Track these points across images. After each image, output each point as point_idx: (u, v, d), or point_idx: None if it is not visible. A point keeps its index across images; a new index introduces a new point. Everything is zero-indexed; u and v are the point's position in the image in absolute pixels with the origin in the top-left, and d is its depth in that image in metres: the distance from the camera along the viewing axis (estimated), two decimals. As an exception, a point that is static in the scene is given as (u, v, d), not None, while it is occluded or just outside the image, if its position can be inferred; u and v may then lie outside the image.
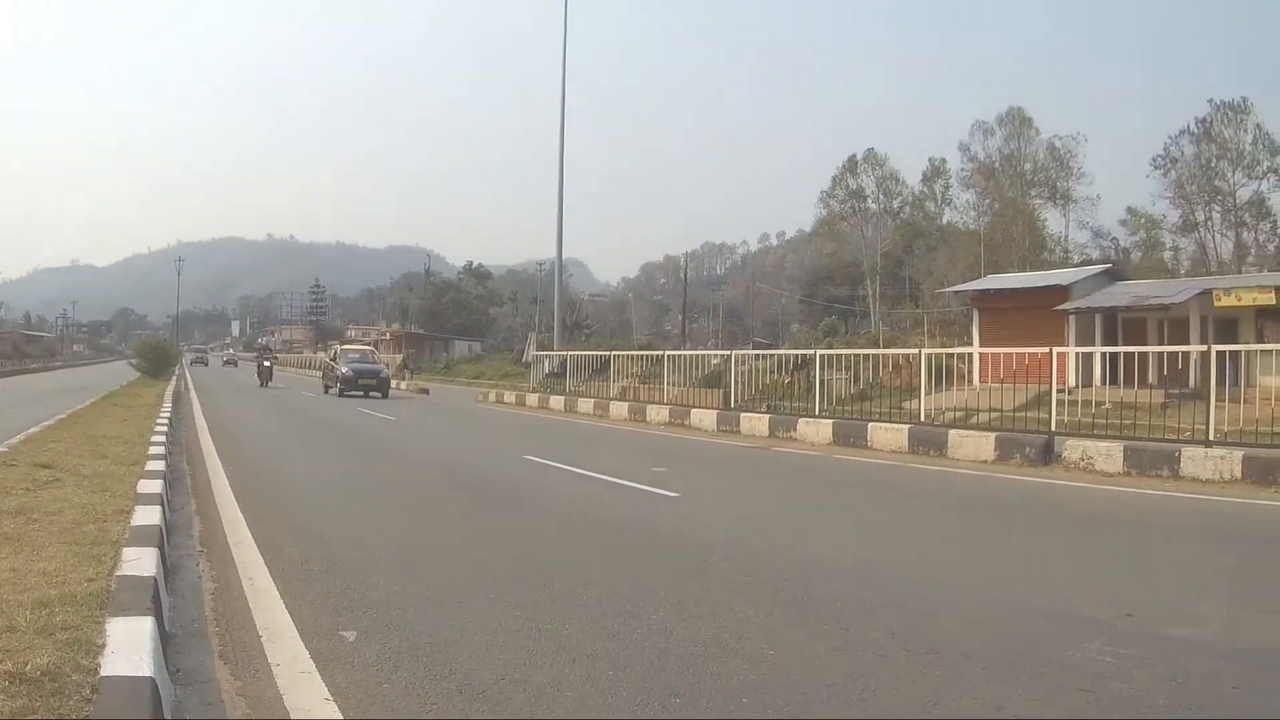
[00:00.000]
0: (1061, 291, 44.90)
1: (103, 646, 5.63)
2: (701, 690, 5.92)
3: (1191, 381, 22.19)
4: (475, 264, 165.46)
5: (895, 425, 22.05)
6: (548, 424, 32.85)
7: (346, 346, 64.74)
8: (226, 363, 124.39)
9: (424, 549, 10.73)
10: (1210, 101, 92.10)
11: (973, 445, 19.82)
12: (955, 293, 61.79)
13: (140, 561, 7.73)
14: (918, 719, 5.67)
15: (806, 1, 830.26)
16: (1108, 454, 17.60)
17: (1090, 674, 6.26)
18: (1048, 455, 18.52)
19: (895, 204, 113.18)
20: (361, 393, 47.94)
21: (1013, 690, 6.01)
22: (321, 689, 5.88)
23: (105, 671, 5.21)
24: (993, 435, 19.79)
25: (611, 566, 9.74)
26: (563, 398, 40.12)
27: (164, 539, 9.39)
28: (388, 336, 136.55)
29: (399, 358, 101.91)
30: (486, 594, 8.36)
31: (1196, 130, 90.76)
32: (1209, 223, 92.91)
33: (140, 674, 5.15)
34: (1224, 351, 19.87)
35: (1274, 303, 39.91)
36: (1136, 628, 7.42)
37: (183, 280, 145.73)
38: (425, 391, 60.52)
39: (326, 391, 52.06)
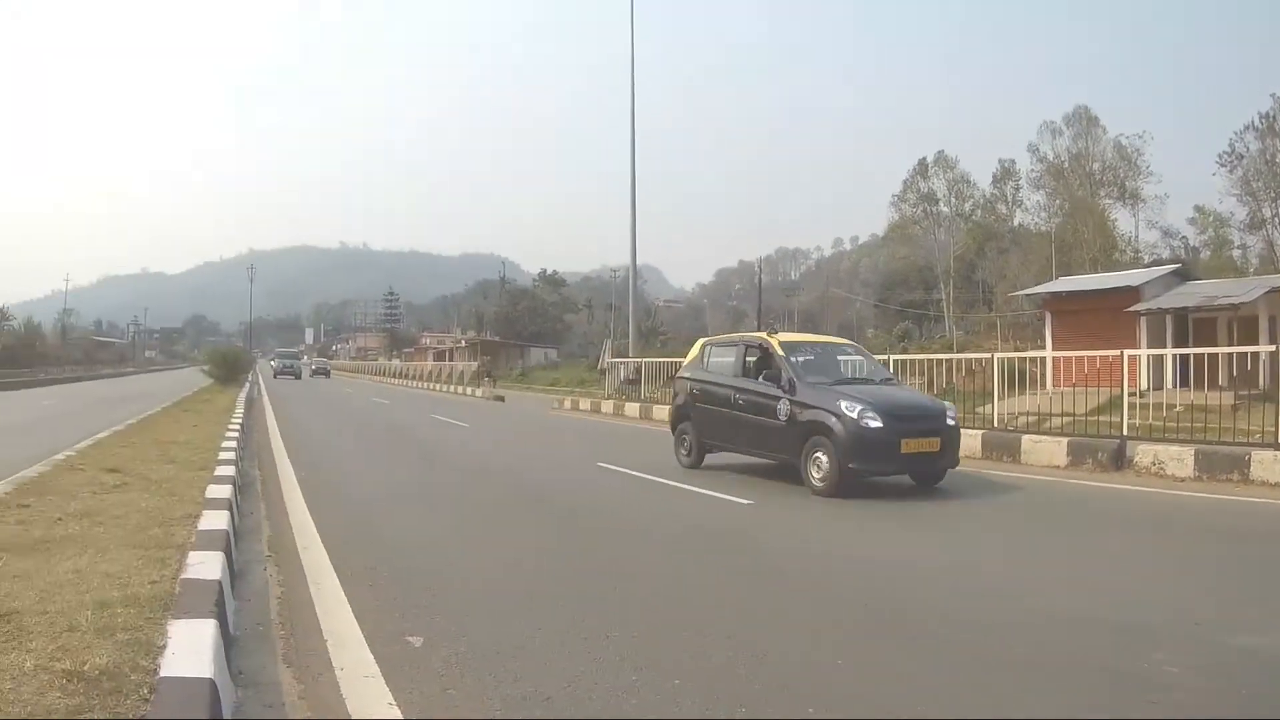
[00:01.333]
0: (1132, 292, 44.51)
1: (163, 648, 5.80)
2: (769, 700, 5.98)
3: (1261, 382, 22.13)
4: (550, 271, 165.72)
5: (969, 431, 21.57)
6: (622, 431, 32.76)
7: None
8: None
9: (492, 555, 10.83)
10: (1274, 96, 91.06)
11: (1045, 451, 19.79)
12: (1027, 295, 61.05)
13: (205, 565, 7.89)
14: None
15: (875, 5, 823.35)
16: (1179, 458, 17.50)
17: (1156, 684, 6.29)
18: (1120, 460, 18.44)
19: (967, 206, 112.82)
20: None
21: (1078, 700, 6.06)
22: (385, 694, 6.00)
23: (164, 672, 5.38)
24: (1065, 440, 19.71)
25: (683, 574, 9.79)
26: (638, 404, 40.02)
27: (231, 543, 9.58)
28: (463, 344, 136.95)
29: (474, 365, 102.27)
30: (555, 600, 8.45)
31: (1260, 125, 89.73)
32: (1276, 219, 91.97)
33: (199, 675, 5.30)
34: None
35: None
36: (1205, 636, 7.44)
37: (255, 288, 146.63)
38: (500, 399, 60.35)
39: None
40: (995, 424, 22.79)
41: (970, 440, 21.03)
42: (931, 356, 29.80)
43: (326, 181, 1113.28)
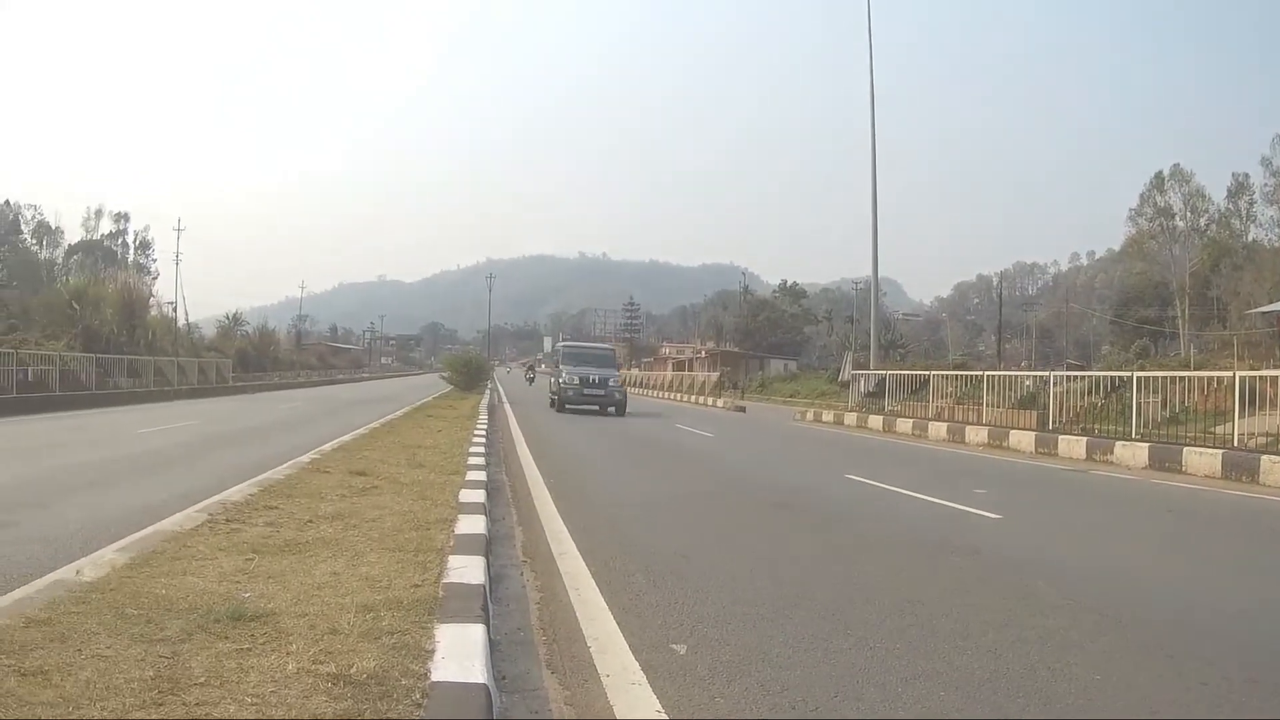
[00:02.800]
0: None
1: (431, 652, 5.93)
2: (1030, 713, 6.07)
3: None
4: (790, 282, 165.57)
5: (1209, 450, 21.97)
6: (866, 443, 33.10)
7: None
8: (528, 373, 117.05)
9: (748, 565, 10.68)
10: None
11: None
12: (1262, 313, 60.64)
13: (467, 569, 8.11)
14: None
15: (1112, 15, 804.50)
16: None
17: None
18: None
19: (1202, 221, 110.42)
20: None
21: None
22: (653, 701, 5.98)
23: (436, 677, 5.48)
24: None
25: (936, 587, 9.74)
26: (881, 417, 40.25)
27: (488, 548, 9.88)
28: (703, 354, 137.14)
29: (714, 375, 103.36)
30: (813, 611, 8.44)
31: None
32: None
33: (472, 680, 5.43)
34: None
35: None
36: None
37: (492, 296, 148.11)
38: (742, 409, 60.14)
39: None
40: (1235, 444, 22.67)
41: (1210, 460, 21.42)
42: (1174, 374, 29.41)
43: (564, 194, 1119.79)
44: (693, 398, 78.33)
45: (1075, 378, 35.79)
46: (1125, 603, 9.24)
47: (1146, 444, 24.50)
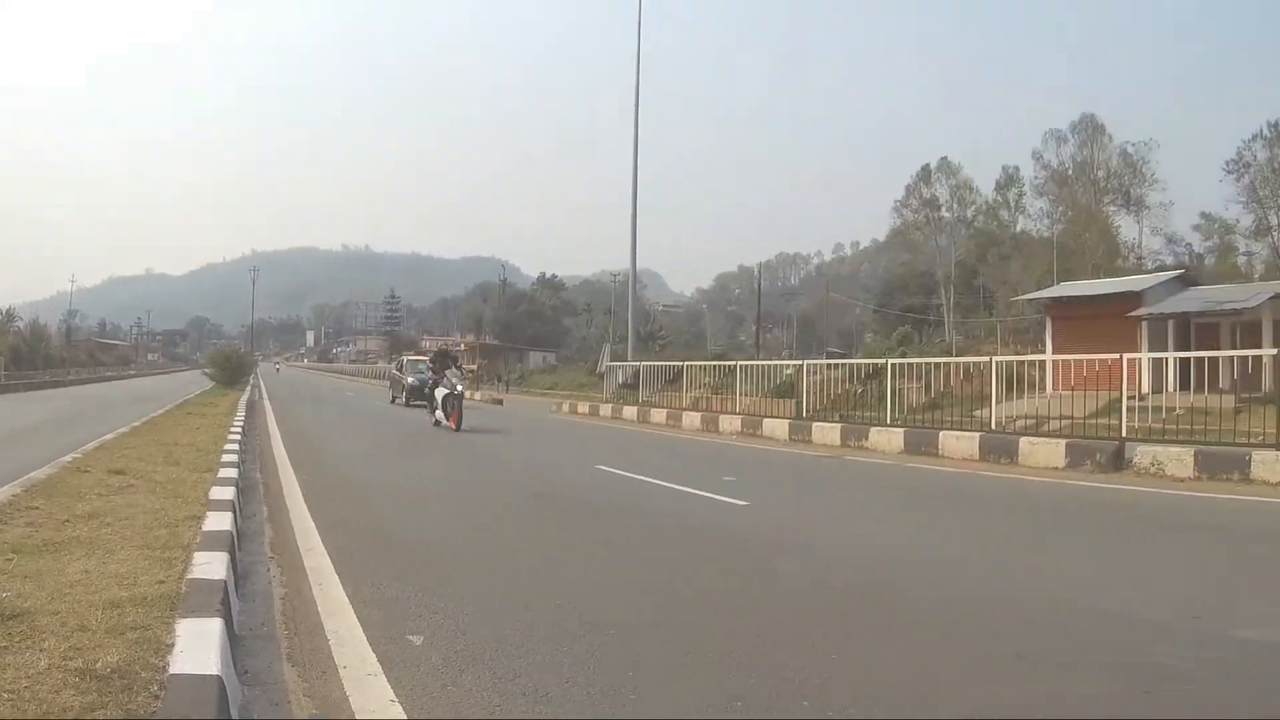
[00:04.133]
0: (1134, 298, 44.94)
1: (171, 646, 5.83)
2: (764, 692, 6.02)
3: (1264, 386, 22.14)
4: (550, 275, 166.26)
5: (967, 433, 22.13)
6: (621, 434, 32.94)
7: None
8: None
9: (492, 557, 10.81)
10: None
11: (1043, 452, 19.81)
12: (1029, 300, 61.57)
13: (211, 565, 7.95)
14: (979, 719, 5.77)
15: (882, 9, 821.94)
16: (1178, 459, 17.57)
17: (1154, 675, 6.33)
18: (1118, 461, 18.49)
19: (969, 213, 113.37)
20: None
21: (1073, 690, 6.12)
22: (387, 690, 6.04)
23: (174, 669, 5.41)
24: (1063, 442, 19.75)
25: (679, 573, 9.82)
26: (636, 408, 39.98)
27: (235, 544, 9.60)
28: (462, 347, 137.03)
29: (473, 368, 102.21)
30: (554, 600, 8.40)
31: (1270, 134, 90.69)
32: None
33: (207, 672, 5.33)
34: None
35: None
36: (1204, 629, 7.48)
37: (257, 290, 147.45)
38: (499, 402, 60.46)
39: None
40: (993, 427, 22.88)
41: (967, 443, 21.59)
42: (929, 360, 30.30)
43: (328, 184, 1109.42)
44: None
45: (834, 366, 36.45)
46: (864, 581, 9.47)
47: (902, 429, 24.67)
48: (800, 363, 35.17)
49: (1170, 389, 26.84)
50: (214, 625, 6.22)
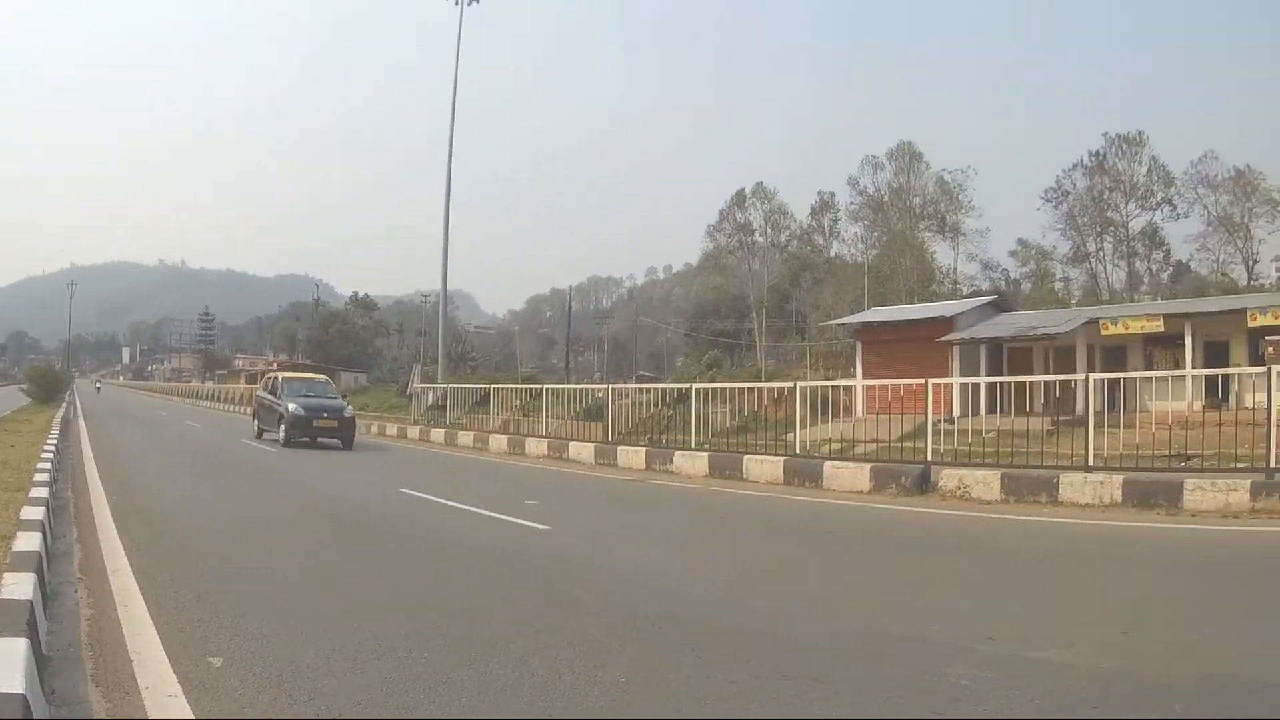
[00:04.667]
0: (946, 323, 45.82)
1: None
2: (554, 715, 6.09)
3: (1078, 409, 22.33)
4: (362, 294, 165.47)
5: (771, 457, 22.02)
6: (427, 457, 32.65)
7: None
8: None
9: (293, 579, 10.79)
10: (1105, 135, 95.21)
11: (848, 476, 19.73)
12: (840, 325, 62.01)
13: (17, 586, 7.84)
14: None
15: (699, 35, 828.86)
16: (985, 481, 17.61)
17: (946, 697, 6.38)
18: (924, 484, 18.46)
19: (783, 237, 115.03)
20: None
21: (863, 713, 6.16)
22: (187, 711, 6.10)
23: None
24: (868, 466, 19.75)
25: (476, 597, 9.84)
26: (444, 430, 39.93)
27: (43, 565, 9.51)
28: (274, 366, 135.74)
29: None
30: (351, 623, 8.46)
31: (1090, 163, 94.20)
32: (1100, 253, 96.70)
33: (13, 690, 5.21)
34: (1104, 379, 20.05)
35: (1162, 329, 41.30)
36: (999, 651, 7.52)
37: (77, 305, 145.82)
38: None
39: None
40: (798, 450, 22.70)
41: (772, 467, 21.48)
42: (734, 385, 30.63)
43: (148, 196, 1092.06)
44: None
45: (644, 390, 37.28)
46: (660, 606, 9.37)
47: (707, 453, 24.52)
48: (608, 386, 34.92)
49: (982, 412, 27.10)
50: (19, 645, 6.11)
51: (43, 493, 14.81)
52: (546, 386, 37.88)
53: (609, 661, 7.23)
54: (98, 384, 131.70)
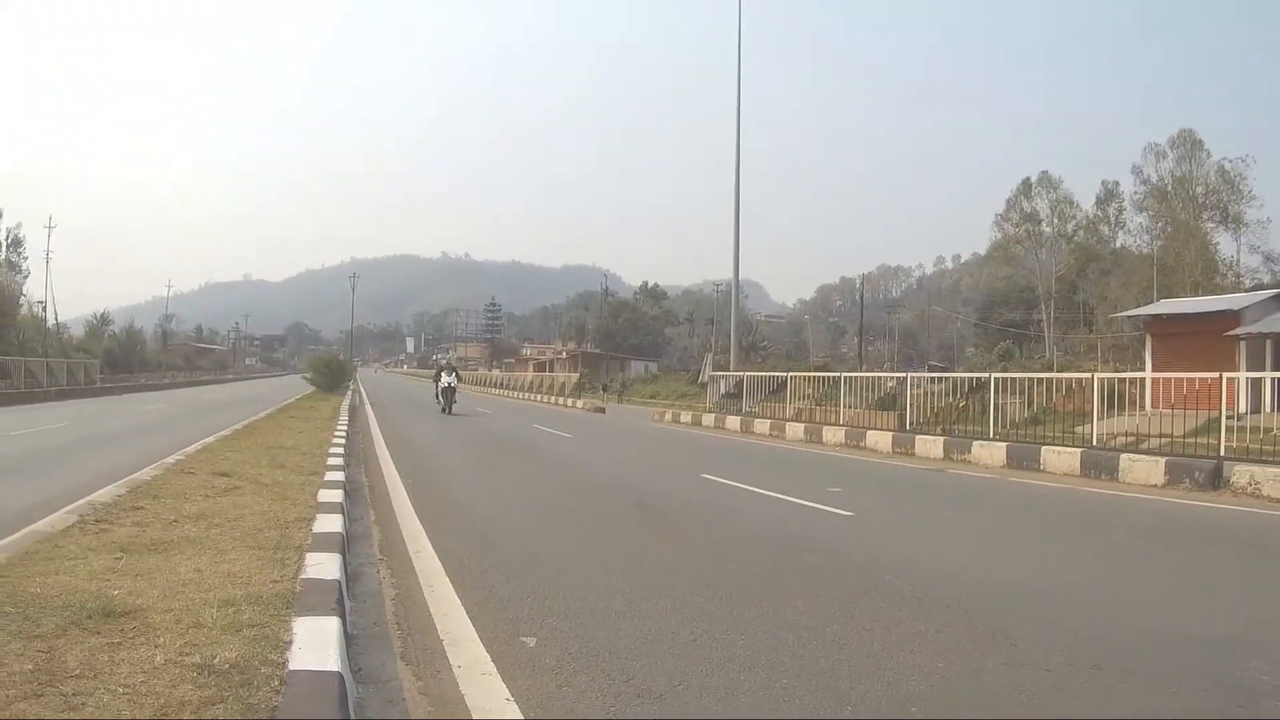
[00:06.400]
0: (1232, 316, 44.50)
1: (289, 643, 6.21)
2: (873, 699, 6.27)
3: None
4: (651, 284, 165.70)
5: (1068, 449, 22.07)
6: (724, 444, 32.78)
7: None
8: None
9: (600, 562, 10.99)
10: None
11: (1142, 470, 19.87)
12: (1128, 317, 60.96)
13: (324, 566, 8.43)
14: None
15: (979, 22, 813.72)
16: (1275, 479, 17.52)
17: (1249, 691, 6.56)
18: (1216, 480, 18.46)
19: (1069, 227, 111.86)
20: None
21: (1171, 705, 6.32)
22: (503, 690, 6.33)
23: (293, 666, 5.74)
24: (1162, 460, 19.69)
25: (786, 582, 9.89)
26: (739, 418, 39.96)
27: (345, 546, 10.17)
28: (564, 355, 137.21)
29: (574, 376, 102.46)
30: (662, 605, 8.67)
31: None
32: None
33: (327, 668, 5.67)
34: None
35: None
36: None
37: (356, 297, 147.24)
38: (602, 410, 60.19)
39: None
40: (1094, 443, 22.77)
41: (1069, 459, 21.55)
42: (1031, 375, 30.04)
43: (428, 194, 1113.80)
44: (553, 399, 77.62)
45: (937, 379, 36.02)
46: (972, 596, 9.37)
47: (1004, 443, 24.49)
48: (904, 375, 35.00)
49: (1268, 409, 26.39)
50: (331, 624, 6.63)
51: (338, 476, 16.04)
52: (844, 375, 37.53)
53: (925, 647, 7.46)
54: (375, 369, 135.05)
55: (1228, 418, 20.44)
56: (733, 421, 40.14)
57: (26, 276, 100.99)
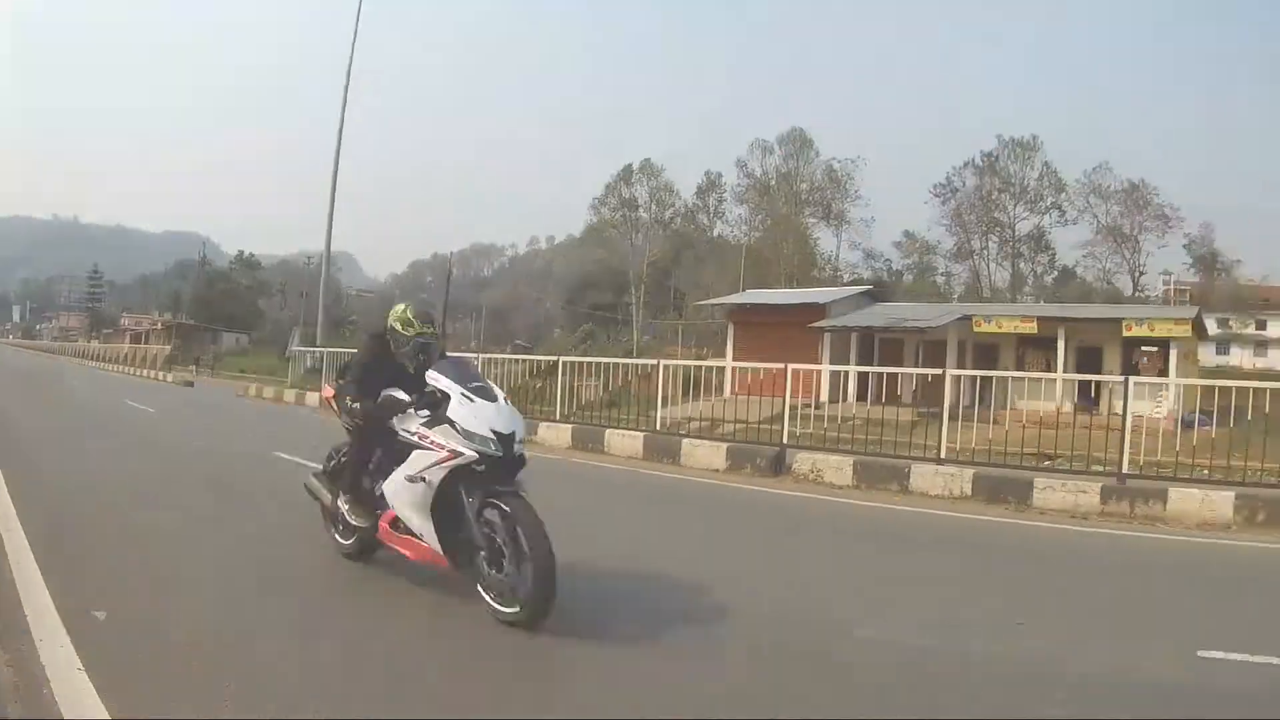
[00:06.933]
0: (818, 309, 46.58)
1: None
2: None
3: (946, 402, 22.74)
4: (247, 254, 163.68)
5: (631, 432, 22.46)
6: (301, 420, 33.07)
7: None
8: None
9: (167, 535, 10.95)
10: (999, 137, 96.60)
11: (704, 454, 20.07)
12: (714, 305, 62.96)
13: None
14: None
15: (598, 5, 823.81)
16: (838, 467, 17.92)
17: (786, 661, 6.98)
18: (779, 466, 18.72)
19: (667, 214, 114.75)
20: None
21: (715, 676, 6.65)
22: (74, 658, 6.34)
23: None
24: (724, 445, 20.11)
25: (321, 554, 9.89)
26: (319, 394, 39.06)
27: None
28: (159, 326, 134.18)
29: (167, 348, 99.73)
30: (224, 577, 9.01)
31: (981, 163, 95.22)
32: (985, 251, 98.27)
33: None
34: (961, 375, 21.34)
35: (1035, 331, 42.38)
36: (833, 629, 7.95)
37: None
38: (190, 384, 60.38)
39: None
40: (659, 427, 23.07)
41: (633, 442, 21.91)
42: (599, 360, 30.87)
43: (45, 147, 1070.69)
44: (146, 372, 76.02)
45: (516, 360, 37.03)
46: None
47: (570, 425, 24.78)
48: (477, 356, 33.96)
49: (850, 399, 27.38)
50: None
51: None
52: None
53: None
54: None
55: (800, 407, 21.23)
56: (313, 397, 39.65)
57: None
